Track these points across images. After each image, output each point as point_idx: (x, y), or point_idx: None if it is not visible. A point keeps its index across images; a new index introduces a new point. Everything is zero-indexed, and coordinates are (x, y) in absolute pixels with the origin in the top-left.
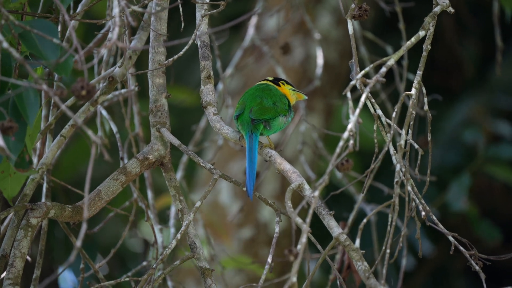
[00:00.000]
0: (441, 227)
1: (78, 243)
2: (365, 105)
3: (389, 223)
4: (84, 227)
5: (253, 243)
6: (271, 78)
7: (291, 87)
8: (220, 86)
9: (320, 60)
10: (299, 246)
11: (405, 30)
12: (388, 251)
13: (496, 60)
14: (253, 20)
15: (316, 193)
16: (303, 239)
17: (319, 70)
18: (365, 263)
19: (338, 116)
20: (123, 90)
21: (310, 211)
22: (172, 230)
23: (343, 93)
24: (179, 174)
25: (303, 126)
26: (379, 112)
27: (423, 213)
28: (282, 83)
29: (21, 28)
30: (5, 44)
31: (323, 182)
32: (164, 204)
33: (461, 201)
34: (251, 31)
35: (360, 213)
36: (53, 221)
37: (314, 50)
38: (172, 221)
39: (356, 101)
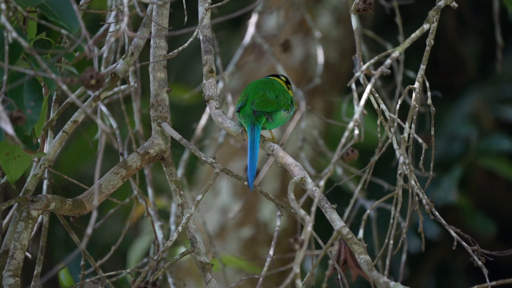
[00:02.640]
0: (443, 222)
1: (89, 229)
2: (366, 103)
3: (392, 215)
4: (94, 214)
5: (253, 243)
6: (276, 75)
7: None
8: (221, 84)
9: (320, 58)
10: (302, 237)
11: (404, 28)
12: (391, 242)
13: (497, 58)
14: (254, 18)
15: (322, 183)
16: (308, 228)
17: (319, 68)
18: (368, 256)
19: (339, 116)
20: (123, 86)
21: (316, 200)
22: (173, 227)
23: (348, 85)
24: (179, 172)
25: (304, 123)
26: (383, 106)
27: (426, 206)
28: (288, 86)
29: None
30: (14, 34)
31: (328, 172)
32: (161, 206)
33: (451, 193)
34: (251, 29)
35: (361, 210)
36: (54, 219)
37: (314, 50)
38: (172, 218)
39: (358, 98)
